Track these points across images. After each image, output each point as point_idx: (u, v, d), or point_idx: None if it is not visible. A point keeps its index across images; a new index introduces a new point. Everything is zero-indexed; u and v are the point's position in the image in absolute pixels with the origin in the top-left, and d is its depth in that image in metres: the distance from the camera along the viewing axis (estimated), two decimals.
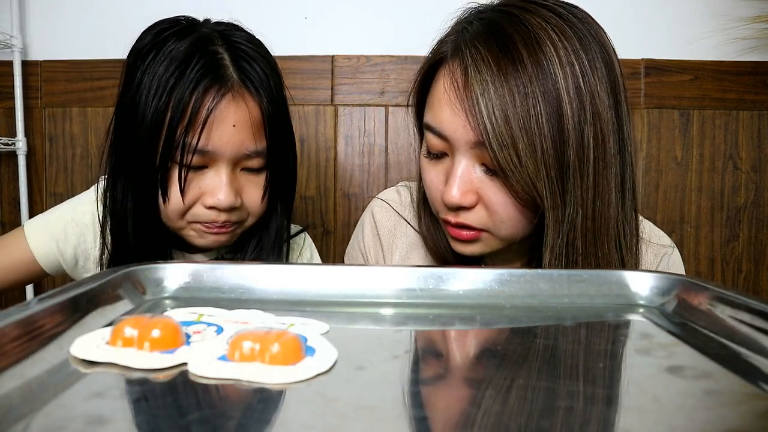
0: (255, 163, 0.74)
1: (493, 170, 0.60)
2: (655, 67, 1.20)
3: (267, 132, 0.74)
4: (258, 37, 0.79)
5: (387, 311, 0.46)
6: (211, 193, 0.72)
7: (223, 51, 0.72)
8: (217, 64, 0.70)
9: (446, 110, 0.61)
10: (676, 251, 0.75)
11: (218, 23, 0.76)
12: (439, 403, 0.30)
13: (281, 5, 1.22)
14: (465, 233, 0.64)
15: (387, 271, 0.49)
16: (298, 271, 0.50)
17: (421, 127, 0.69)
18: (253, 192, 0.76)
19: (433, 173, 0.66)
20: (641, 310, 0.47)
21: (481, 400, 0.30)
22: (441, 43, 0.65)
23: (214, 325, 0.39)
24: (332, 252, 1.24)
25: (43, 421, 0.26)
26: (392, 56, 1.21)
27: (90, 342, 0.35)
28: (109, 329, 0.35)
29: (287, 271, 0.50)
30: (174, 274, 0.49)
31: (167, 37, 0.71)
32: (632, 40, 1.20)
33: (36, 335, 0.35)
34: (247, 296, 0.48)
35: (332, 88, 1.21)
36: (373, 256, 0.80)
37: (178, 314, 0.41)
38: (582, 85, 0.57)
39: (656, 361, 0.35)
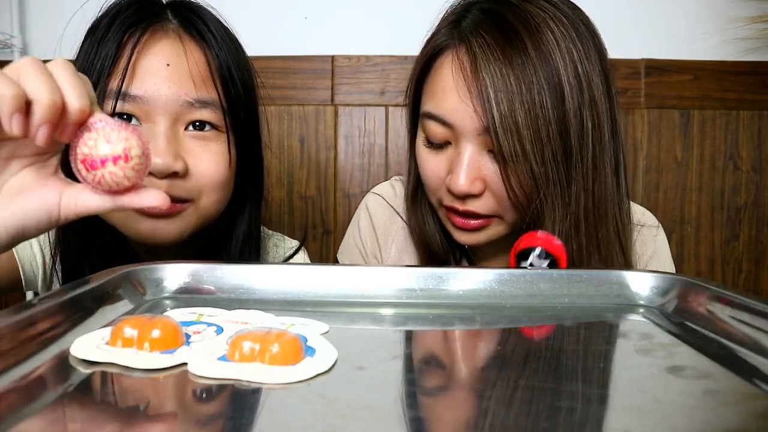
0: (203, 115, 0.61)
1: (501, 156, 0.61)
2: (655, 67, 1.20)
3: (219, 87, 0.62)
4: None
5: (387, 311, 0.46)
6: None
7: (167, 10, 0.63)
8: (154, 11, 0.61)
9: (453, 97, 0.61)
10: (662, 231, 0.78)
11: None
12: (438, 403, 0.30)
13: (281, 5, 1.22)
14: (473, 222, 0.64)
15: (387, 271, 0.50)
16: (298, 272, 0.50)
17: (415, 119, 0.69)
18: (204, 157, 0.61)
19: (434, 163, 0.66)
20: (641, 310, 0.47)
21: (481, 401, 0.30)
22: (437, 34, 0.66)
23: (214, 325, 0.39)
24: (332, 252, 1.24)
25: (43, 421, 0.26)
26: (392, 56, 1.21)
27: (90, 342, 0.35)
28: (108, 329, 0.35)
29: (287, 271, 0.50)
30: (174, 274, 0.49)
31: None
32: (632, 40, 1.20)
33: (36, 335, 0.35)
34: (247, 296, 0.48)
35: (332, 88, 1.21)
36: (370, 250, 0.80)
37: (177, 314, 0.41)
38: (580, 71, 0.59)
39: (656, 361, 0.35)
